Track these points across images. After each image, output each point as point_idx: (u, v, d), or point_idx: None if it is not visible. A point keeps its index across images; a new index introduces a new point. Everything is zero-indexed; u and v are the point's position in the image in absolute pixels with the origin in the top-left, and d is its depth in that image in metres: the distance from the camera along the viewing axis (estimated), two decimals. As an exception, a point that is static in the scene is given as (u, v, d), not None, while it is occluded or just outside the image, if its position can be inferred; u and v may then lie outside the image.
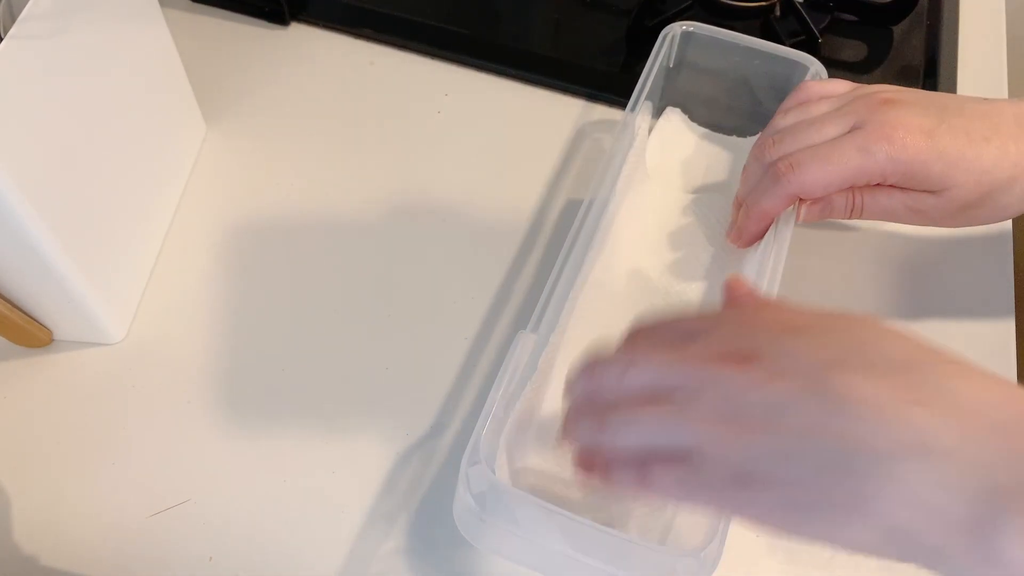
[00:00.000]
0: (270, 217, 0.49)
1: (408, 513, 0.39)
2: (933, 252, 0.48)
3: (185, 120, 0.51)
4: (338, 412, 0.42)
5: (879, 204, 0.40)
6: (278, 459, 0.40)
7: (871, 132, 0.38)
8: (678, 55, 0.49)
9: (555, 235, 0.48)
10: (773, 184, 0.39)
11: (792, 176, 0.39)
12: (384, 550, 0.38)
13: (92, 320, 0.42)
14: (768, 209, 0.41)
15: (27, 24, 0.34)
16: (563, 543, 0.32)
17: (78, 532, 0.38)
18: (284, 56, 0.57)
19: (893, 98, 0.39)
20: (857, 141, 0.38)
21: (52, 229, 0.36)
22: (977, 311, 0.46)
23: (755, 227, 0.42)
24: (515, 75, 0.56)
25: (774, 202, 0.40)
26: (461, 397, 0.42)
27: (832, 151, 0.38)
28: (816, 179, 0.38)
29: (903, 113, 0.38)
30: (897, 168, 0.38)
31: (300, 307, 0.45)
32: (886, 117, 0.38)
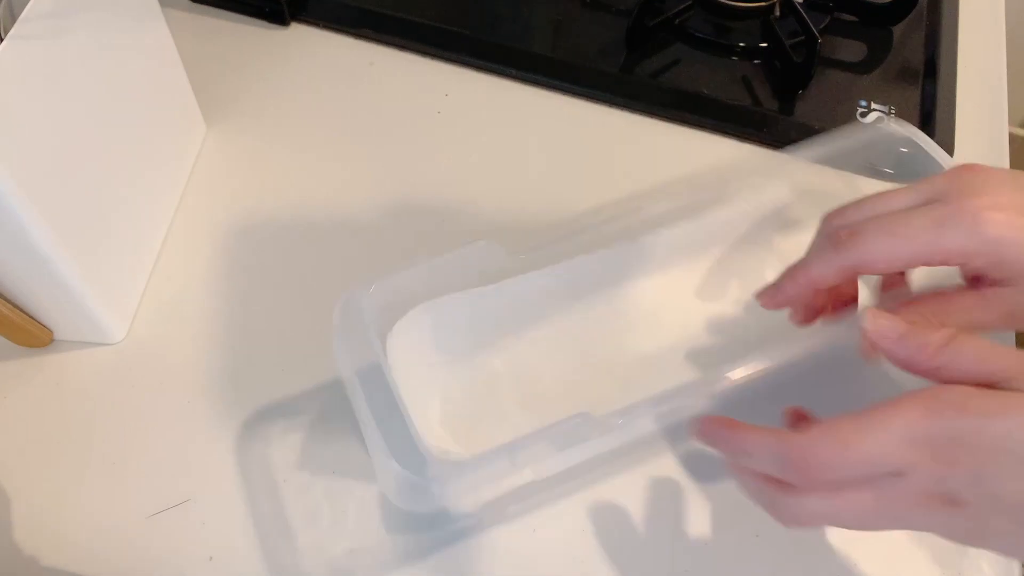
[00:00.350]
0: (270, 217, 0.49)
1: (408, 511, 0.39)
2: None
3: (185, 120, 0.51)
4: (338, 412, 0.42)
5: (961, 320, 0.34)
6: (278, 459, 0.40)
7: (951, 203, 0.32)
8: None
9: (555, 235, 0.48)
10: (829, 250, 0.35)
11: (851, 243, 0.34)
12: (384, 550, 0.38)
13: (92, 320, 0.42)
14: (815, 276, 0.35)
15: (27, 24, 0.34)
16: None
17: (78, 532, 0.38)
18: (284, 56, 0.57)
19: (979, 168, 0.34)
20: (933, 213, 0.33)
21: (52, 229, 0.36)
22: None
23: (792, 289, 0.36)
24: (515, 75, 0.56)
25: (824, 268, 0.35)
26: (461, 397, 0.42)
27: (900, 220, 0.33)
28: (878, 249, 0.33)
29: (992, 183, 0.32)
30: (981, 248, 0.32)
31: (300, 307, 0.45)
32: (971, 187, 0.32)
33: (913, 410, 0.28)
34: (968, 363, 0.29)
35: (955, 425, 0.27)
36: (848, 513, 0.30)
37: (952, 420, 0.27)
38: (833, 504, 0.29)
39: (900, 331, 0.31)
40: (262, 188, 0.50)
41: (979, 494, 0.27)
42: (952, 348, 0.29)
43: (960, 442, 0.27)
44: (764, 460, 0.31)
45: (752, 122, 0.54)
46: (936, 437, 0.27)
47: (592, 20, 0.60)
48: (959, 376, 0.29)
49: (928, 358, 0.30)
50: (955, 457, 0.27)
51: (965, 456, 0.27)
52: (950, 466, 0.27)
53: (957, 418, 0.27)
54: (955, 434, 0.27)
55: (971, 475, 0.27)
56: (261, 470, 0.40)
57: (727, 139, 0.54)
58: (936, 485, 0.28)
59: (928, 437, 0.28)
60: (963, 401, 0.28)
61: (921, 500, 0.28)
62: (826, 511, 0.30)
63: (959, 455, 0.27)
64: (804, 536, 0.38)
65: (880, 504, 0.29)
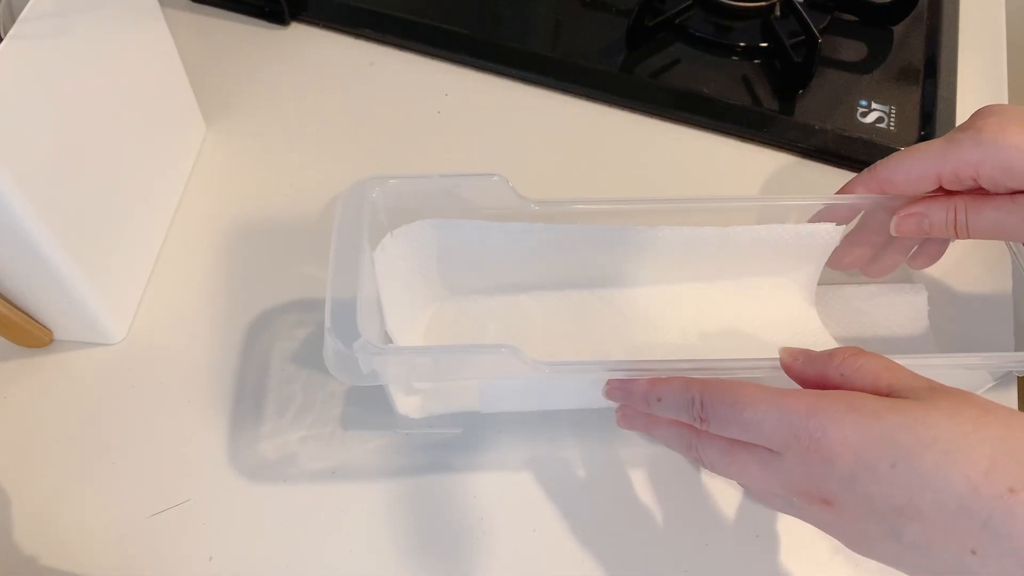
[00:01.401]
0: (270, 217, 0.49)
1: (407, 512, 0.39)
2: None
3: (185, 120, 0.51)
4: (338, 412, 0.42)
5: (986, 218, 0.37)
6: (278, 459, 0.40)
7: (962, 125, 0.37)
8: None
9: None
10: (863, 173, 0.40)
11: (879, 164, 0.39)
12: (384, 549, 0.38)
13: (92, 320, 0.42)
14: (846, 188, 0.40)
15: (27, 24, 0.34)
16: None
17: (78, 532, 0.38)
18: (284, 56, 0.57)
19: (993, 105, 0.37)
20: (947, 135, 0.37)
21: (52, 229, 0.36)
22: (977, 311, 0.46)
23: (833, 211, 0.41)
24: (515, 75, 0.56)
25: (854, 185, 0.40)
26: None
27: (919, 145, 0.38)
28: (897, 164, 0.38)
29: (1001, 109, 0.36)
30: (986, 156, 0.35)
31: (299, 306, 0.45)
32: (981, 114, 0.37)
33: (804, 399, 0.29)
34: (867, 375, 0.30)
35: (839, 421, 0.28)
36: (738, 471, 0.31)
37: (839, 416, 0.28)
38: (728, 458, 0.31)
39: (809, 354, 0.32)
40: (262, 188, 0.50)
41: (851, 495, 0.28)
42: (855, 359, 0.30)
43: (838, 442, 0.28)
44: (673, 403, 0.33)
45: (752, 122, 0.54)
46: (814, 431, 0.28)
47: (592, 20, 0.60)
48: (860, 387, 0.30)
49: (835, 368, 0.31)
50: (830, 454, 0.28)
51: (844, 454, 0.27)
52: (825, 461, 0.28)
53: (844, 416, 0.28)
54: (833, 434, 0.28)
55: (847, 475, 0.28)
56: (261, 470, 0.40)
57: (727, 139, 0.54)
58: (809, 478, 0.29)
59: (807, 428, 0.28)
60: (854, 402, 0.28)
61: (796, 488, 0.29)
62: (724, 462, 0.31)
63: (835, 453, 0.28)
64: (804, 537, 0.38)
65: (763, 476, 0.30)
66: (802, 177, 0.52)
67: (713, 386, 0.31)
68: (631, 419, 0.36)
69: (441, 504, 0.39)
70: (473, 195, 0.40)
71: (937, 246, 0.42)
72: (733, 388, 0.31)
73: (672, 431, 0.34)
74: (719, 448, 0.31)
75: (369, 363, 0.34)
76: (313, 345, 0.44)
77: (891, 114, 0.54)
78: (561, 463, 0.40)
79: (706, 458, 0.32)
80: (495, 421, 0.41)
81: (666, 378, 0.34)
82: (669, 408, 0.33)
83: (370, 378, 0.34)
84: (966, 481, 0.26)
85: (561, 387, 0.40)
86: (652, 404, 0.34)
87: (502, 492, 0.39)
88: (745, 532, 0.39)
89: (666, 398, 0.33)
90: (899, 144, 0.52)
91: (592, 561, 0.38)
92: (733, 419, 0.30)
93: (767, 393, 0.30)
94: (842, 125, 0.53)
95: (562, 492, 0.40)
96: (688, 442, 0.33)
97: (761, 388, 0.30)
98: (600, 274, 0.44)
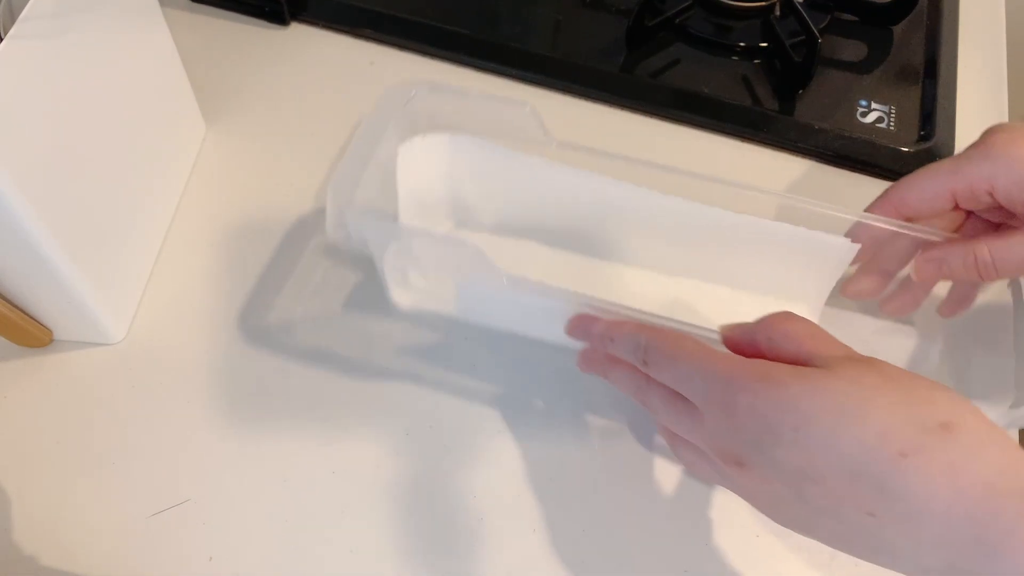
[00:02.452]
0: (270, 217, 0.49)
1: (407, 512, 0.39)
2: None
3: (185, 120, 0.51)
4: (338, 412, 0.42)
5: (1016, 252, 0.36)
6: (278, 459, 0.40)
7: (972, 144, 0.37)
8: None
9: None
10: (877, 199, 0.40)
11: (892, 186, 0.39)
12: (384, 549, 0.38)
13: (92, 320, 0.42)
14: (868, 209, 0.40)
15: (27, 24, 0.34)
16: None
17: (78, 532, 0.38)
18: (284, 56, 0.57)
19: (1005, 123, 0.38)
20: (958, 154, 0.37)
21: (52, 229, 0.36)
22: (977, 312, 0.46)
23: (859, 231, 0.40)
24: (515, 75, 0.56)
25: (872, 206, 0.39)
26: (461, 397, 0.42)
27: (931, 164, 0.38)
28: (911, 184, 0.38)
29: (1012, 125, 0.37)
30: (999, 170, 0.35)
31: (300, 306, 0.45)
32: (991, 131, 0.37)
33: (726, 363, 0.30)
34: (791, 341, 0.31)
35: (750, 388, 0.29)
36: (674, 420, 0.33)
37: (750, 384, 0.29)
38: (668, 406, 0.33)
39: (744, 325, 0.33)
40: (262, 188, 0.50)
41: (758, 457, 0.29)
42: (781, 323, 0.32)
43: (746, 408, 0.29)
44: (623, 344, 0.34)
45: (752, 122, 0.54)
46: (727, 395, 0.29)
47: (592, 20, 0.60)
48: (784, 354, 0.31)
49: (763, 331, 0.32)
50: (739, 419, 0.29)
51: (750, 419, 0.29)
52: (736, 425, 0.29)
53: (755, 383, 0.29)
54: (742, 400, 0.29)
55: (753, 438, 0.29)
56: (261, 470, 0.40)
57: (727, 139, 0.54)
58: (724, 438, 0.30)
59: (722, 392, 0.29)
60: (767, 371, 0.29)
61: (716, 447, 0.31)
62: (664, 409, 0.33)
63: (743, 418, 0.29)
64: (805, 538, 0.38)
65: (692, 430, 0.32)
66: (802, 177, 0.52)
67: (660, 334, 0.33)
68: (590, 362, 0.37)
69: (441, 504, 0.39)
70: (502, 121, 0.42)
71: (965, 292, 0.41)
72: (676, 339, 0.32)
73: (625, 373, 0.35)
74: (662, 396, 0.33)
75: (358, 229, 0.36)
76: (312, 346, 0.44)
77: (891, 114, 0.54)
78: (561, 463, 0.40)
79: (650, 403, 0.33)
80: (495, 418, 0.41)
81: (622, 321, 0.35)
82: (619, 348, 0.34)
83: (360, 245, 0.37)
84: (859, 444, 0.26)
85: (532, 313, 0.41)
86: (606, 343, 0.35)
87: (502, 492, 0.40)
88: (745, 532, 0.39)
89: (618, 339, 0.34)
90: (899, 144, 0.53)
91: (592, 561, 0.38)
92: (668, 367, 0.32)
93: (702, 351, 0.31)
94: (842, 125, 0.53)
95: (562, 492, 0.40)
96: (637, 384, 0.34)
97: (700, 345, 0.32)
98: (604, 241, 0.45)
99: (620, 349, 0.34)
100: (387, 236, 0.38)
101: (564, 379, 0.43)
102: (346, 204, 0.36)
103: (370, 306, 0.45)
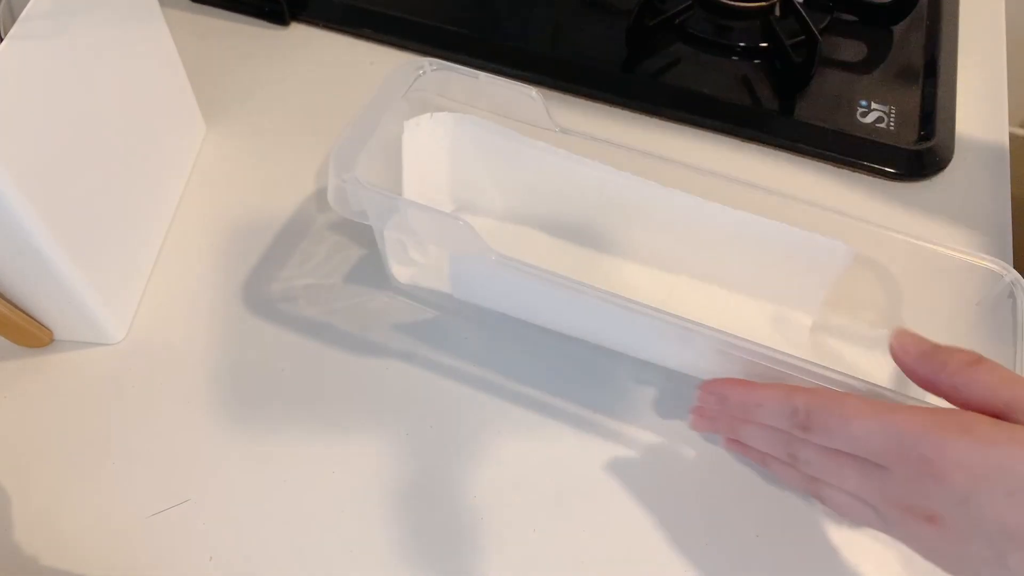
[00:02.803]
0: (270, 217, 0.49)
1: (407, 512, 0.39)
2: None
3: (185, 120, 0.51)
4: (338, 412, 0.42)
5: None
6: (278, 459, 0.40)
7: None
8: None
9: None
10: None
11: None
12: (384, 548, 0.38)
13: (92, 320, 0.42)
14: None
15: (27, 24, 0.34)
16: None
17: (78, 532, 0.38)
18: (284, 56, 0.57)
19: None
20: None
21: (52, 229, 0.36)
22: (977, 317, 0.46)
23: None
24: (515, 75, 0.56)
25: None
26: (461, 397, 0.42)
27: None
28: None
29: None
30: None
31: (300, 306, 0.45)
32: None
33: (917, 416, 0.29)
34: (983, 389, 0.29)
35: (954, 444, 0.28)
36: (835, 474, 0.31)
37: (953, 439, 0.28)
38: (828, 460, 0.31)
39: (924, 348, 0.31)
40: (262, 188, 0.50)
41: (961, 515, 0.28)
42: (972, 370, 0.30)
43: (953, 463, 0.27)
44: (773, 411, 0.33)
45: (752, 122, 0.54)
46: (926, 449, 0.28)
47: (592, 20, 0.60)
48: (975, 400, 0.29)
49: (948, 376, 0.30)
50: (943, 474, 0.28)
51: (958, 476, 0.27)
52: (937, 481, 0.28)
53: (959, 438, 0.28)
54: (949, 454, 0.28)
55: (959, 495, 0.27)
56: (261, 470, 0.40)
57: (727, 139, 0.54)
58: (916, 494, 0.29)
59: (919, 445, 0.28)
60: (969, 424, 0.28)
61: (900, 503, 0.29)
62: (821, 463, 0.32)
63: (948, 473, 0.28)
64: (804, 537, 0.38)
65: (861, 485, 0.30)
66: (802, 177, 0.52)
67: (819, 396, 0.31)
68: (712, 422, 0.36)
69: (441, 503, 0.39)
70: (509, 105, 0.43)
71: None
72: (839, 399, 0.31)
73: (767, 434, 0.34)
74: (818, 450, 0.31)
75: (357, 199, 0.37)
76: (312, 345, 0.44)
77: (891, 114, 0.54)
78: (561, 463, 0.40)
79: (803, 456, 0.32)
80: (495, 418, 0.41)
81: (766, 385, 0.33)
82: (768, 415, 0.33)
83: (359, 216, 0.38)
84: None
85: (524, 295, 0.41)
86: (751, 410, 0.34)
87: (502, 492, 0.40)
88: (745, 532, 0.39)
89: (767, 405, 0.33)
90: (899, 144, 0.53)
91: (592, 561, 0.38)
92: (840, 430, 0.30)
93: (875, 407, 0.30)
94: (842, 125, 0.53)
95: (563, 492, 0.40)
96: (785, 441, 0.33)
97: (867, 401, 0.30)
98: (603, 232, 0.45)
99: (769, 416, 0.33)
100: (383, 207, 0.38)
101: (564, 378, 0.43)
102: (346, 172, 0.37)
103: (373, 316, 0.45)
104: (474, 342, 0.44)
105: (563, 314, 0.41)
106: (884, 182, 0.52)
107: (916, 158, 0.52)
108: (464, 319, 0.45)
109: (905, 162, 0.52)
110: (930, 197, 0.51)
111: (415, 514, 0.39)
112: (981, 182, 0.52)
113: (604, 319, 0.39)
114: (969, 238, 0.49)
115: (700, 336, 0.34)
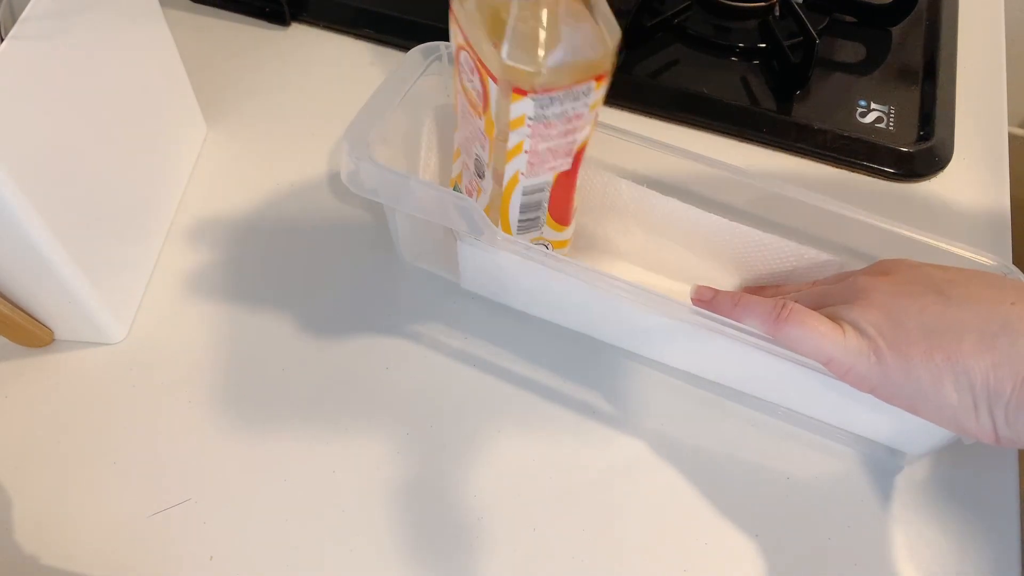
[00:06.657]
0: (270, 217, 0.49)
1: (407, 511, 0.39)
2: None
3: (185, 120, 0.51)
4: (338, 412, 0.42)
5: None
6: (278, 459, 0.40)
7: None
8: None
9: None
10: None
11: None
12: (383, 547, 0.38)
13: (92, 320, 0.42)
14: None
15: (28, 24, 0.34)
16: None
17: (78, 532, 0.38)
18: (284, 56, 0.57)
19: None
20: None
21: (52, 229, 0.36)
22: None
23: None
24: (515, 75, 0.56)
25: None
26: (461, 397, 0.42)
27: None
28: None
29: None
30: None
31: (300, 306, 0.45)
32: None
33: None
34: (752, 319, 0.36)
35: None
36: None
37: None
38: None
39: (707, 296, 0.39)
40: (262, 188, 0.50)
41: (907, 270, 0.36)
42: (737, 309, 0.36)
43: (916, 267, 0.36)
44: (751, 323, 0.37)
45: (750, 122, 0.54)
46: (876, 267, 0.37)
47: (592, 20, 0.60)
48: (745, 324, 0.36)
49: (724, 314, 0.36)
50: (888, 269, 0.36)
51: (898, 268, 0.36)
52: (882, 271, 0.36)
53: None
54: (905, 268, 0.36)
55: (902, 266, 0.36)
56: (261, 470, 0.40)
57: (726, 139, 0.54)
58: (866, 273, 0.37)
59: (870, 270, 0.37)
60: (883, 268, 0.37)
61: (855, 275, 0.37)
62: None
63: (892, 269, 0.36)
64: (804, 537, 0.39)
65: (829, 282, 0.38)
66: (801, 177, 0.52)
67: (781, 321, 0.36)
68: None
69: (441, 503, 0.39)
70: None
71: None
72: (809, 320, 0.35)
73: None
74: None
75: (369, 176, 0.38)
76: (312, 346, 0.44)
77: (890, 114, 0.54)
78: (561, 463, 0.40)
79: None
80: (495, 417, 0.42)
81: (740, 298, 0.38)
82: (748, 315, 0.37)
83: (371, 193, 0.38)
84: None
85: (528, 284, 0.41)
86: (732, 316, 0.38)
87: (502, 491, 0.40)
88: (745, 532, 0.39)
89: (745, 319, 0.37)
90: (898, 144, 0.53)
91: (592, 561, 0.38)
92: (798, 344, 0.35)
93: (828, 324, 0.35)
94: (841, 125, 0.53)
95: (562, 492, 0.40)
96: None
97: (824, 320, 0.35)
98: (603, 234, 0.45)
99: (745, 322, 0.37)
100: (393, 185, 0.38)
101: (566, 377, 0.43)
102: (360, 151, 0.37)
103: (373, 315, 0.45)
104: (475, 342, 0.44)
105: (568, 304, 0.41)
106: (883, 182, 0.52)
107: (915, 158, 0.52)
108: (465, 318, 0.45)
109: (904, 162, 0.52)
110: (929, 197, 0.51)
111: (415, 513, 0.39)
112: (980, 182, 0.52)
113: (609, 308, 0.40)
114: (969, 238, 0.49)
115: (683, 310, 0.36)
